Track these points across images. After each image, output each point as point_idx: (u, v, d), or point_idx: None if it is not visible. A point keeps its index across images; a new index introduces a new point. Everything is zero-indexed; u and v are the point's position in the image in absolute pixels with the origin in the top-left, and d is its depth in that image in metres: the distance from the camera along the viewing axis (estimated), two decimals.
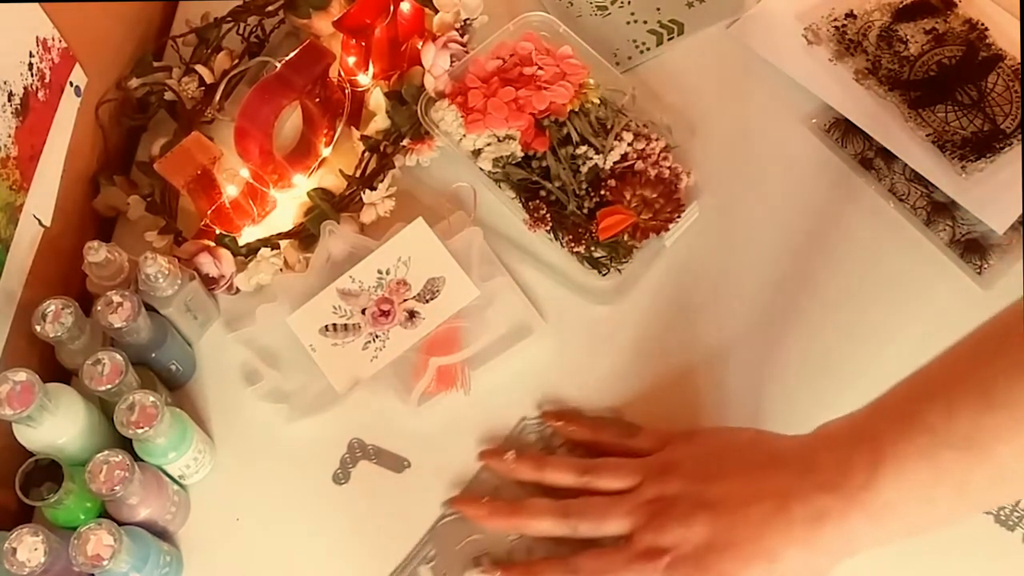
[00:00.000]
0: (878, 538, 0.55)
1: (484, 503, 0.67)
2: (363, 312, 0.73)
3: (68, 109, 0.73)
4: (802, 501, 0.54)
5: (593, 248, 0.74)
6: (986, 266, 0.74)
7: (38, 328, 0.63)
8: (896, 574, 0.64)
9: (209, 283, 0.73)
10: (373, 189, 0.77)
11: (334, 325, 0.72)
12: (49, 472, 0.60)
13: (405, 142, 0.78)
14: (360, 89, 0.80)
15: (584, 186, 0.75)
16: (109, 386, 0.62)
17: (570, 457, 0.68)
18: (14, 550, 0.57)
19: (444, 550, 0.67)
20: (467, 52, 0.81)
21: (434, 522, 0.68)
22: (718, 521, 0.57)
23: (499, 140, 0.76)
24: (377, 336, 0.72)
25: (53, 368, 0.67)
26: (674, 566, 0.58)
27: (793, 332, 0.73)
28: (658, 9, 0.87)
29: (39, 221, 0.70)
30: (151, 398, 0.62)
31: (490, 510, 0.66)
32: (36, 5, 0.68)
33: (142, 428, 0.61)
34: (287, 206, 0.79)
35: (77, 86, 0.75)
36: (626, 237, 0.73)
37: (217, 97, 0.81)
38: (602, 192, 0.74)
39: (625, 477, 0.63)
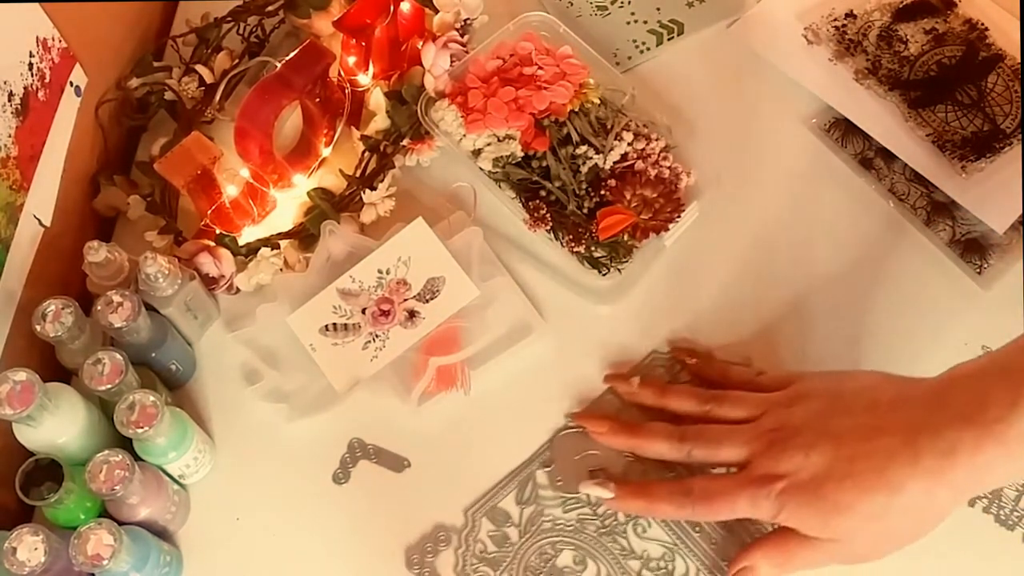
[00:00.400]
0: (1011, 472, 0.54)
1: (605, 419, 0.68)
2: (363, 312, 0.73)
3: (68, 109, 0.73)
4: (932, 435, 0.53)
5: (593, 248, 0.74)
6: (986, 266, 0.74)
7: (38, 328, 0.63)
8: (895, 574, 0.64)
9: (209, 283, 0.73)
10: (373, 189, 0.77)
11: (334, 325, 0.72)
12: (49, 472, 0.60)
13: (405, 142, 0.78)
14: (360, 89, 0.80)
15: (584, 186, 0.75)
16: (109, 386, 0.62)
17: (694, 387, 0.69)
18: (14, 550, 0.57)
19: (562, 458, 0.69)
20: (467, 52, 0.81)
21: (554, 432, 0.70)
22: (840, 451, 0.56)
23: (499, 140, 0.76)
24: (377, 336, 0.72)
25: (53, 368, 0.67)
26: (788, 493, 0.57)
27: (793, 332, 0.73)
28: (658, 9, 0.87)
29: (39, 221, 0.70)
30: (151, 398, 0.62)
31: (610, 427, 0.67)
32: (36, 5, 0.68)
33: (142, 428, 0.61)
34: (287, 206, 0.79)
35: (77, 86, 0.75)
36: (626, 237, 0.73)
37: (217, 97, 0.81)
38: (602, 192, 0.74)
39: (747, 408, 0.63)
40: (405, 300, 0.73)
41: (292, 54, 0.75)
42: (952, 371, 0.57)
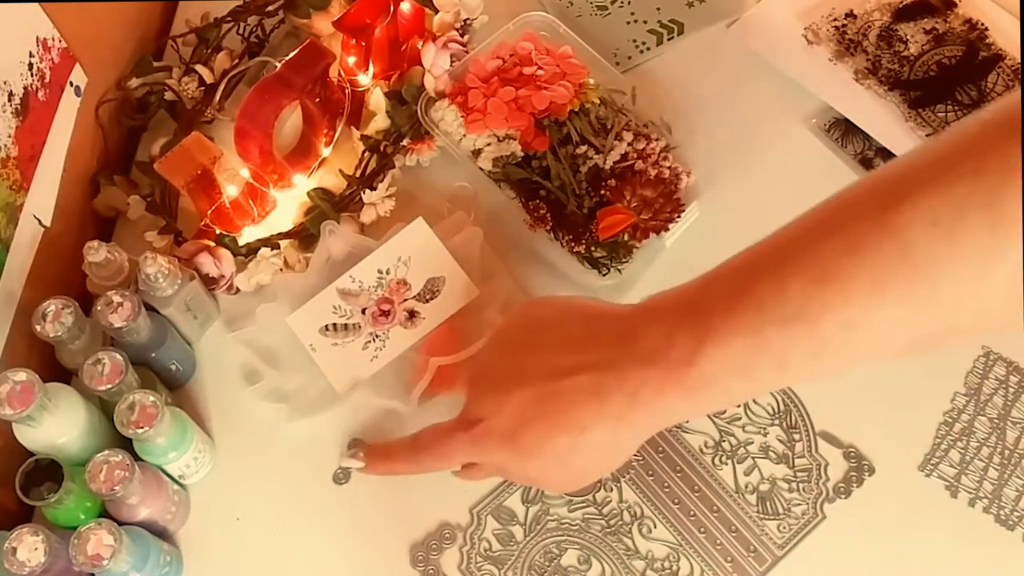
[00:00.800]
0: (691, 412, 0.54)
1: (366, 452, 0.67)
2: (363, 312, 0.73)
3: (68, 109, 0.73)
4: (619, 375, 0.52)
5: (593, 248, 0.74)
6: None
7: (38, 328, 0.63)
8: (896, 574, 0.64)
9: (209, 283, 0.73)
10: (373, 189, 0.77)
11: (334, 325, 0.72)
12: (49, 472, 0.60)
13: (405, 142, 0.78)
14: (360, 89, 0.80)
15: (584, 186, 0.75)
16: (109, 386, 0.62)
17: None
18: (14, 550, 0.57)
19: None
20: (467, 52, 0.81)
21: None
22: (528, 391, 0.55)
23: (499, 140, 0.76)
24: (377, 336, 0.72)
25: (53, 368, 0.67)
26: (485, 435, 0.56)
27: None
28: (658, 9, 0.87)
29: (39, 221, 0.70)
30: (151, 398, 0.62)
31: (366, 459, 0.66)
32: (36, 5, 0.68)
33: (142, 428, 0.61)
34: (287, 206, 0.79)
35: (77, 86, 0.75)
36: (626, 237, 0.73)
37: (217, 97, 0.81)
38: (602, 192, 0.74)
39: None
40: (405, 300, 0.73)
41: (292, 54, 0.75)
42: (648, 301, 0.55)
